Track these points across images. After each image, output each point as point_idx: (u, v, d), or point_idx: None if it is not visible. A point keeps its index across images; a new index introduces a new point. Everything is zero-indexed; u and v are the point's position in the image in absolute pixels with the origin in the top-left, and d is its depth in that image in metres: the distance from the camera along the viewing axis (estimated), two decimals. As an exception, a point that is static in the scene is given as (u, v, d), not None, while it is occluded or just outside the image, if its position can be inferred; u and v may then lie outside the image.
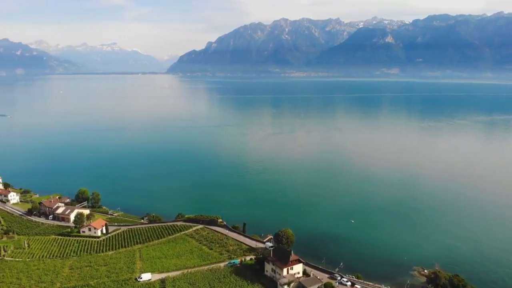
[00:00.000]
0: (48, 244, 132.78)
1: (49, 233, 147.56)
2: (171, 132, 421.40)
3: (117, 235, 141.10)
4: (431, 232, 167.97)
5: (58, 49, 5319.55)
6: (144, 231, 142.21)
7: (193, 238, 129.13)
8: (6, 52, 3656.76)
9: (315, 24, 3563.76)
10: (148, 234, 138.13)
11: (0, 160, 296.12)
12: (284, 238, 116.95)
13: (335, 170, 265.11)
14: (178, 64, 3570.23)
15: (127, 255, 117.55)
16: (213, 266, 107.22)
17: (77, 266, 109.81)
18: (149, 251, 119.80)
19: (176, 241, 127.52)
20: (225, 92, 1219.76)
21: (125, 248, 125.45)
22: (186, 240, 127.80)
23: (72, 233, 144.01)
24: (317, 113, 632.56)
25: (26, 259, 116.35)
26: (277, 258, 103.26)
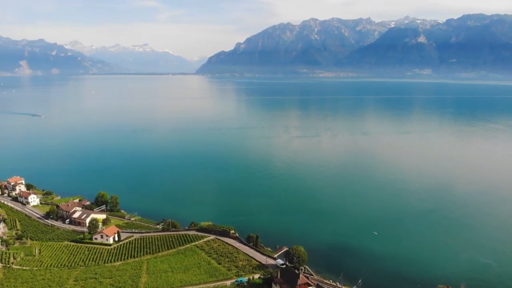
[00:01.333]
0: (59, 251, 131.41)
1: (63, 239, 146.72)
2: (195, 134, 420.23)
3: (129, 243, 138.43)
4: (460, 248, 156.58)
5: (92, 50, 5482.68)
6: (156, 240, 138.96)
7: (203, 250, 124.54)
8: (42, 52, 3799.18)
9: (345, 23, 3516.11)
10: (159, 244, 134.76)
11: (27, 161, 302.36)
12: (296, 257, 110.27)
13: (360, 178, 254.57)
14: (207, 65, 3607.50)
15: (134, 267, 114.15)
16: (219, 283, 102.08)
17: (82, 278, 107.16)
18: (157, 263, 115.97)
19: (185, 253, 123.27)
20: (252, 93, 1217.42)
21: (134, 259, 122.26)
22: (195, 252, 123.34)
23: (84, 240, 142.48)
24: (344, 115, 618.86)
25: (34, 267, 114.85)
26: (285, 280, 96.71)
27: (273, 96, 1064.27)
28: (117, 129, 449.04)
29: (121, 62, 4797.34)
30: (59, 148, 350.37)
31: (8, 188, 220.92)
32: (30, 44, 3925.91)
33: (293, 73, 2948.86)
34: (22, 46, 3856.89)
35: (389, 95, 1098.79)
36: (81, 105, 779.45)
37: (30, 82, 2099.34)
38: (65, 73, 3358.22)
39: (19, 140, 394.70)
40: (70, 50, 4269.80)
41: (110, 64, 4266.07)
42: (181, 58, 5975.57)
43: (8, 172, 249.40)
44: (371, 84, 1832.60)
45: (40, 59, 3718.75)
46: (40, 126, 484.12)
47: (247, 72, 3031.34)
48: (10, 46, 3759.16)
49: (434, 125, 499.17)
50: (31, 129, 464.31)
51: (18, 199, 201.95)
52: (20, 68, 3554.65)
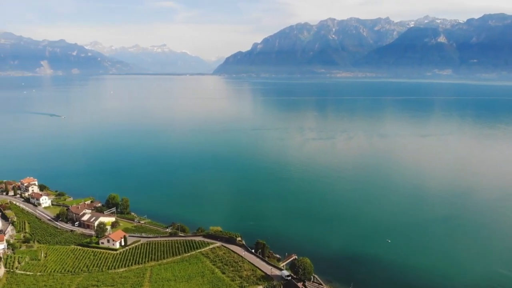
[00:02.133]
0: (64, 256, 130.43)
1: (70, 242, 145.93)
2: (209, 135, 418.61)
3: (135, 249, 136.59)
4: (479, 258, 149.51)
5: (111, 50, 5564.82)
6: (162, 245, 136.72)
7: (208, 258, 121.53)
8: (62, 52, 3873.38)
9: (364, 23, 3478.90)
10: (165, 250, 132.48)
11: (43, 161, 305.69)
12: (301, 269, 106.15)
13: (375, 182, 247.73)
14: (224, 65, 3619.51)
15: (137, 274, 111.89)
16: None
17: (84, 285, 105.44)
18: (161, 271, 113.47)
19: (190, 260, 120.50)
20: (268, 94, 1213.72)
21: (138, 266, 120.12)
22: (200, 259, 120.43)
23: (91, 244, 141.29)
24: (361, 116, 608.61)
25: (37, 273, 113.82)
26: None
27: (289, 97, 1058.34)
28: (133, 130, 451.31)
29: (140, 63, 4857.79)
30: (75, 148, 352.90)
31: (21, 189, 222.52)
32: (51, 45, 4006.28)
33: (310, 73, 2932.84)
34: (43, 46, 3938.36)
35: (408, 96, 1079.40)
36: (100, 106, 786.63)
37: (51, 82, 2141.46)
38: (85, 73, 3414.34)
39: (37, 140, 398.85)
40: (90, 51, 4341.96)
41: (129, 64, 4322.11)
42: (198, 59, 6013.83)
43: (24, 172, 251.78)
44: (390, 84, 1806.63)
45: (60, 59, 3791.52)
46: (59, 127, 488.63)
47: (264, 72, 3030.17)
48: (31, 46, 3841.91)
49: (453, 128, 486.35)
50: (50, 130, 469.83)
51: (30, 200, 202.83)
52: (41, 68, 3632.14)
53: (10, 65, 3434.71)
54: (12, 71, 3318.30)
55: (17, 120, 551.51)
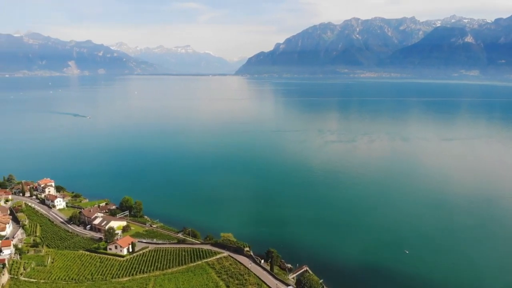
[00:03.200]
0: (71, 262, 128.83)
1: (79, 247, 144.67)
2: (227, 137, 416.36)
3: (141, 256, 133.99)
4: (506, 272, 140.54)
5: (137, 51, 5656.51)
6: (169, 253, 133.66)
7: (213, 269, 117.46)
8: (89, 53, 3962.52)
9: (388, 23, 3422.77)
10: (171, 258, 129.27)
11: (63, 162, 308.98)
12: (307, 286, 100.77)
13: (395, 188, 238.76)
14: (246, 65, 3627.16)
15: (140, 285, 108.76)
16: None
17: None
18: (164, 282, 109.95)
19: (195, 271, 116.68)
20: (289, 94, 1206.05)
21: (142, 275, 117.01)
22: (205, 270, 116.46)
23: (99, 250, 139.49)
24: (384, 118, 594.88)
25: (41, 280, 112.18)
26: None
27: (311, 98, 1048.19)
28: (153, 131, 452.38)
29: (164, 63, 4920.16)
30: (96, 149, 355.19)
31: (38, 190, 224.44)
32: (78, 45, 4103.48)
33: (333, 74, 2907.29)
34: (71, 47, 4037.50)
35: (433, 97, 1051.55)
36: (124, 106, 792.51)
37: (77, 82, 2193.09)
38: (111, 74, 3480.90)
39: (60, 140, 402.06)
40: (116, 51, 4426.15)
41: (153, 65, 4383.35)
42: (221, 59, 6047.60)
43: (43, 172, 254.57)
44: (415, 85, 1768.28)
45: (87, 59, 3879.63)
46: (85, 127, 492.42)
47: (286, 73, 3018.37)
48: (59, 46, 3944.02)
49: (480, 131, 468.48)
50: (75, 130, 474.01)
51: (45, 201, 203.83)
52: (68, 68, 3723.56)
53: (38, 65, 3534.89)
54: (40, 71, 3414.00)
55: (43, 120, 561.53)
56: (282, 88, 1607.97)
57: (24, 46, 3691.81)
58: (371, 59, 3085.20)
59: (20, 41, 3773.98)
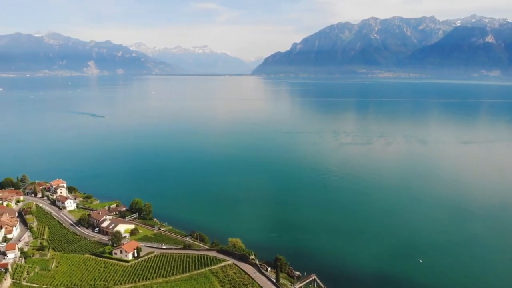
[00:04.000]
0: (75, 266, 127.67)
1: (85, 251, 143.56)
2: (240, 138, 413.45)
3: (146, 261, 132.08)
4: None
5: (155, 51, 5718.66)
6: (173, 260, 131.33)
7: (217, 277, 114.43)
8: (108, 53, 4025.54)
9: (407, 22, 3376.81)
10: (176, 265, 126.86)
11: (77, 162, 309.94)
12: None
13: (408, 193, 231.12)
14: (262, 65, 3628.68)
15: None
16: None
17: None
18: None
19: (198, 279, 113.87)
20: (305, 95, 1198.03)
21: (145, 282, 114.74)
22: (209, 279, 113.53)
23: (104, 254, 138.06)
24: (401, 120, 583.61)
25: (43, 285, 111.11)
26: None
27: (327, 98, 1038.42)
28: (167, 132, 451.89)
29: (182, 63, 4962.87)
30: (111, 150, 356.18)
31: (50, 191, 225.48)
32: (97, 45, 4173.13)
33: (350, 73, 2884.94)
34: (90, 47, 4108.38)
35: (453, 98, 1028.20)
36: (140, 106, 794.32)
37: (96, 82, 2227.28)
38: (130, 74, 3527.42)
39: (76, 140, 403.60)
40: (134, 51, 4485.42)
41: (171, 65, 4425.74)
42: (238, 59, 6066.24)
43: (57, 173, 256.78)
44: (434, 86, 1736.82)
45: (106, 59, 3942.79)
46: (101, 128, 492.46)
47: (302, 73, 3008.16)
48: (79, 47, 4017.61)
49: (501, 134, 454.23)
50: (93, 130, 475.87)
51: (56, 203, 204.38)
52: (88, 68, 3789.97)
53: (59, 65, 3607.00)
54: (61, 71, 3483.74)
55: (61, 119, 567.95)
56: (298, 88, 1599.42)
57: (45, 46, 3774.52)
58: (389, 59, 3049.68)
59: (41, 41, 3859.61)
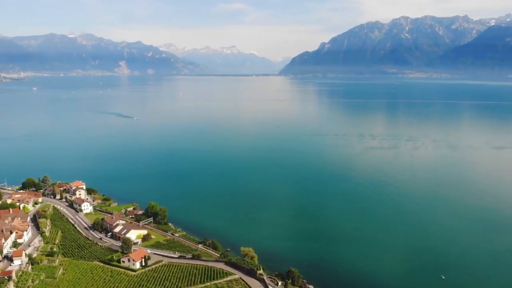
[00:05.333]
0: (82, 274, 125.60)
1: (94, 257, 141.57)
2: (262, 141, 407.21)
3: (153, 271, 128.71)
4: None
5: (184, 52, 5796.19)
6: (180, 270, 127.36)
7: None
8: (139, 53, 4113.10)
9: (440, 21, 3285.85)
10: (182, 276, 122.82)
11: (100, 163, 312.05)
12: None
13: (436, 203, 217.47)
14: (290, 65, 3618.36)
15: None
16: None
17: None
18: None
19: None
20: (332, 95, 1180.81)
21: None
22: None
23: (112, 261, 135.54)
24: (431, 123, 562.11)
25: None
26: None
27: (354, 99, 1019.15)
28: (190, 134, 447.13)
29: (210, 64, 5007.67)
30: (134, 152, 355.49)
31: (70, 192, 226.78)
32: (129, 46, 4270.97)
33: (380, 73, 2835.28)
34: (122, 47, 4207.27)
35: (486, 100, 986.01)
36: (168, 107, 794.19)
37: (127, 82, 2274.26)
38: (159, 74, 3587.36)
39: (102, 141, 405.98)
40: (164, 52, 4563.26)
41: (199, 65, 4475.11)
42: (265, 59, 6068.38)
43: (79, 173, 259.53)
44: (467, 87, 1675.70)
45: (137, 60, 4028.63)
46: (130, 129, 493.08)
47: (330, 73, 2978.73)
48: (111, 47, 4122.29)
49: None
50: (120, 131, 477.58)
51: (73, 205, 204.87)
52: (119, 68, 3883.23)
53: (91, 65, 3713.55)
54: (93, 71, 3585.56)
55: (89, 119, 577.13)
56: (326, 88, 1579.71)
57: (78, 47, 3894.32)
58: (420, 59, 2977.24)
59: (75, 42, 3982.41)
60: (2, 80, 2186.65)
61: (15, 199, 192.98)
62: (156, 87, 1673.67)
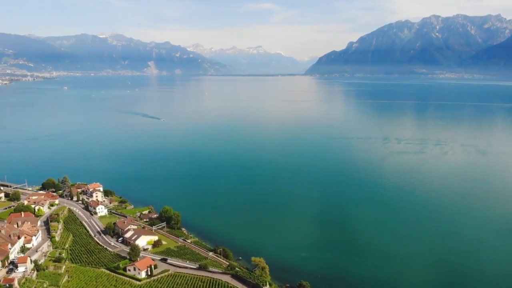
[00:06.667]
0: (86, 283, 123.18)
1: (102, 264, 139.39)
2: (283, 143, 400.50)
3: (158, 281, 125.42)
4: None
5: (211, 52, 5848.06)
6: (185, 281, 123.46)
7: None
8: (167, 54, 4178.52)
9: (471, 20, 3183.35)
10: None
11: (118, 164, 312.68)
12: None
13: (464, 214, 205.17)
14: (316, 65, 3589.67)
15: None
16: None
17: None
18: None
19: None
20: (359, 96, 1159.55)
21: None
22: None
23: (118, 270, 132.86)
24: (461, 126, 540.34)
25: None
26: None
27: (382, 100, 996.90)
28: (211, 136, 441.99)
29: (236, 64, 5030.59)
30: (156, 153, 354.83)
31: (87, 194, 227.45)
32: (157, 46, 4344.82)
33: (409, 73, 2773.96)
34: (151, 48, 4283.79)
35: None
36: (192, 108, 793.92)
37: (155, 82, 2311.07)
38: (187, 74, 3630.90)
39: (125, 142, 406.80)
40: (192, 52, 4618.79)
41: (226, 65, 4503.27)
42: (292, 59, 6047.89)
43: (98, 175, 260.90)
44: (500, 88, 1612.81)
45: (165, 60, 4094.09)
46: (156, 130, 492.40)
47: (358, 72, 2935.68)
48: (140, 48, 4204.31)
49: None
50: (145, 132, 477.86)
51: (88, 207, 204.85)
52: (148, 68, 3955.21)
53: (121, 65, 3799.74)
54: (123, 71, 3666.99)
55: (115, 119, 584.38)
56: (353, 89, 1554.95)
57: (108, 47, 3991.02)
58: (451, 59, 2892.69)
59: (105, 42, 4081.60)
60: (35, 79, 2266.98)
61: (31, 201, 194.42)
62: (183, 87, 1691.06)
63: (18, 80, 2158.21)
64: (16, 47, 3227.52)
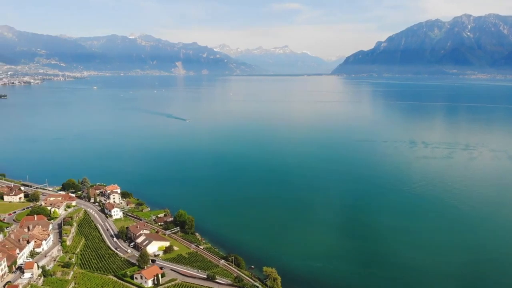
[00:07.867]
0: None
1: (110, 270, 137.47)
2: (305, 146, 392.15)
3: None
4: None
5: (238, 52, 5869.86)
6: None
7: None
8: (194, 54, 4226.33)
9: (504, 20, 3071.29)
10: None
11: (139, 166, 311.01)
12: None
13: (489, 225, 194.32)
14: (343, 65, 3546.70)
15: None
16: None
17: None
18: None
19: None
20: (386, 97, 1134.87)
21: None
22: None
23: (125, 277, 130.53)
24: (492, 130, 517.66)
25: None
26: None
27: (410, 101, 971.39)
28: (234, 138, 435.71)
29: (262, 64, 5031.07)
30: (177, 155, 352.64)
31: (105, 196, 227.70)
32: (185, 47, 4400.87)
33: (439, 74, 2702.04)
34: (178, 48, 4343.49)
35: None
36: (217, 109, 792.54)
37: (182, 82, 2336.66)
38: (213, 74, 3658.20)
39: (149, 143, 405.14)
40: (218, 53, 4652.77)
41: (252, 66, 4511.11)
42: (318, 59, 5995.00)
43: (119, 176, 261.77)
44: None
45: (192, 60, 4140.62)
46: (181, 131, 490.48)
47: (386, 72, 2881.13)
48: (168, 48, 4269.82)
49: None
50: (170, 133, 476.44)
51: (104, 210, 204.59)
52: (175, 69, 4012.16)
53: (150, 65, 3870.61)
54: (151, 71, 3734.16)
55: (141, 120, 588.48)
56: (381, 89, 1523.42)
57: (137, 47, 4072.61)
58: (483, 59, 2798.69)
59: (134, 43, 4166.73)
60: (66, 78, 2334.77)
61: (47, 203, 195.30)
62: (209, 88, 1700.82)
63: (50, 79, 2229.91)
64: (49, 47, 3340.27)
